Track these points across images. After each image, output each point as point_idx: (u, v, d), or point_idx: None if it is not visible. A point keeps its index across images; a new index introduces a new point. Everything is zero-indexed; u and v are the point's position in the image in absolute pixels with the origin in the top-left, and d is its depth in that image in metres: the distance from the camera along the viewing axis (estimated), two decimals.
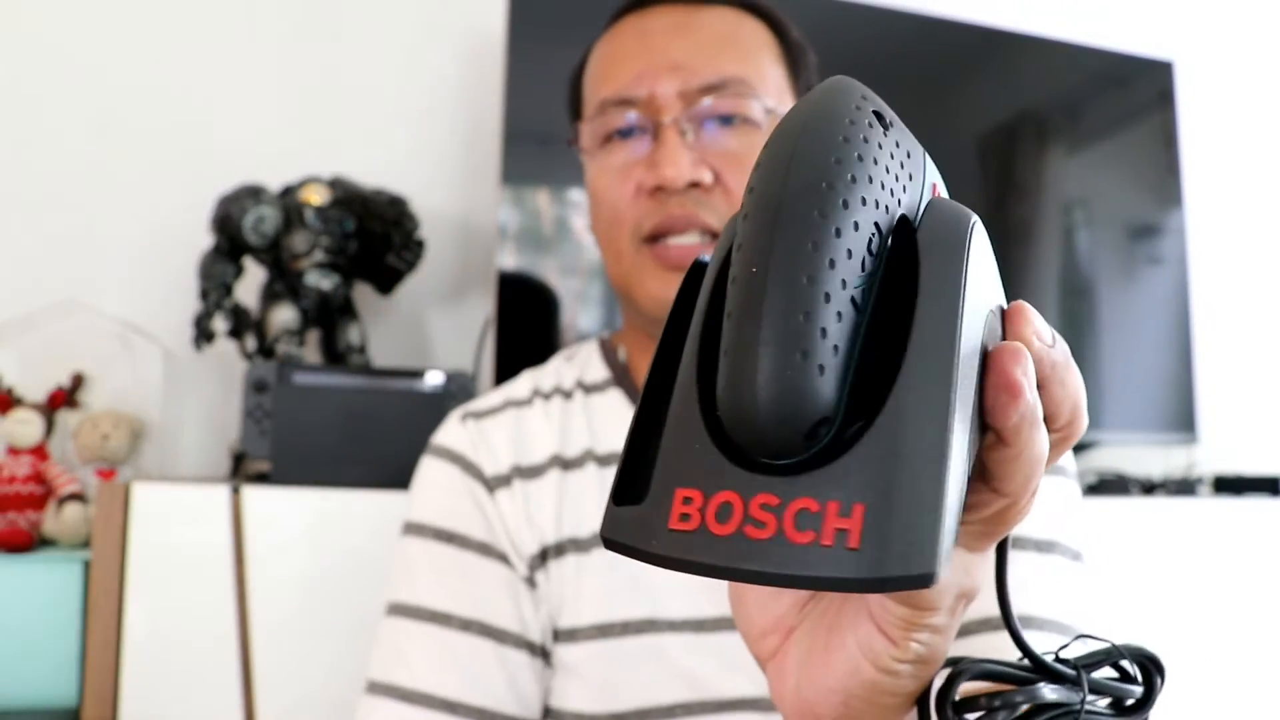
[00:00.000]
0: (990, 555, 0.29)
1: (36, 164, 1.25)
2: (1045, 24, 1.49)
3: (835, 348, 0.21)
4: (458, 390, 1.03)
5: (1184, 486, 1.31)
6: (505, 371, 1.15)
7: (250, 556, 0.91)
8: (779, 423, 0.21)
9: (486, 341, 1.21)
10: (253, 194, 1.08)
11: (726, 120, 0.61)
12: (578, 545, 0.63)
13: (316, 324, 1.15)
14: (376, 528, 0.94)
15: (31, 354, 1.18)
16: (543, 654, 0.63)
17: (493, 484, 0.66)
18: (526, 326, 1.20)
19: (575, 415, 0.68)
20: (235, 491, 0.92)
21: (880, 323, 0.22)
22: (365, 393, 1.00)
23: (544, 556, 0.64)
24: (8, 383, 1.14)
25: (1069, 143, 1.50)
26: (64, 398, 1.14)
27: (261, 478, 1.04)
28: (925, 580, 0.20)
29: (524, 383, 0.72)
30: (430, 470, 0.68)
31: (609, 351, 0.71)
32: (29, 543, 1.00)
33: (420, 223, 1.21)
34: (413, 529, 0.67)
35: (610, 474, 0.64)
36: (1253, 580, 1.22)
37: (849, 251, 0.21)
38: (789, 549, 0.20)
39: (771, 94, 0.63)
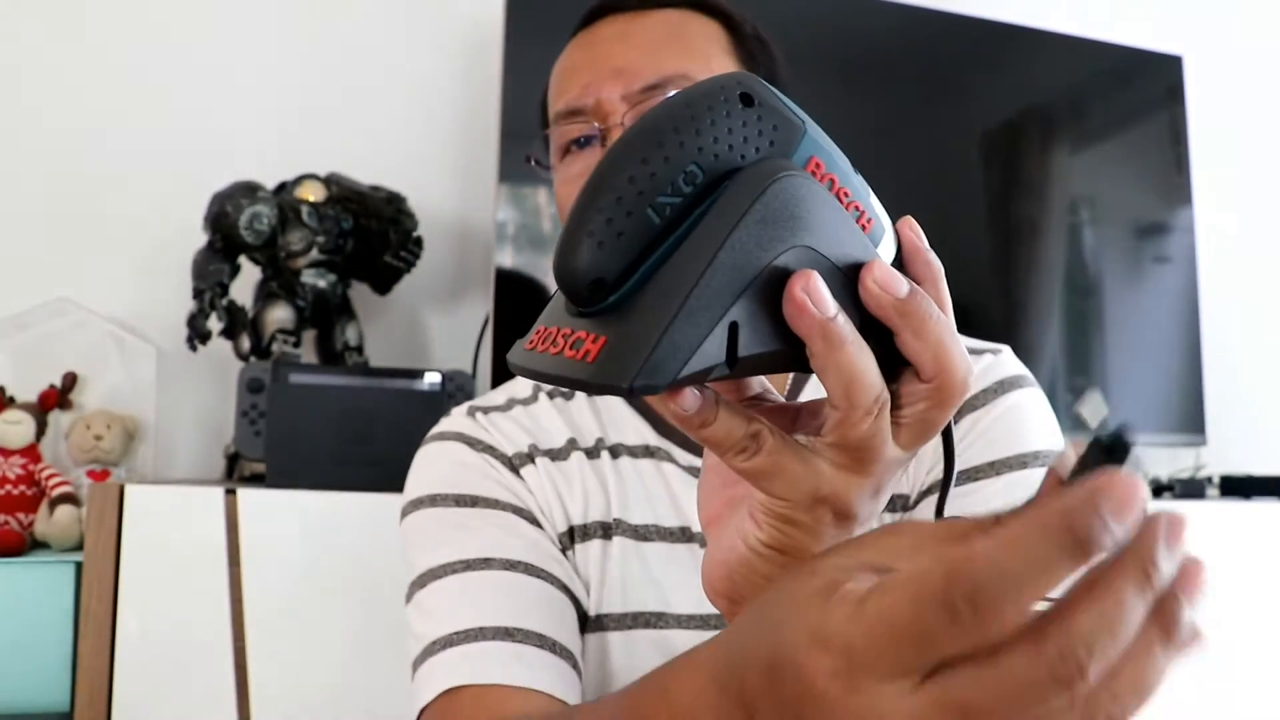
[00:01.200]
0: (880, 484, 0.34)
1: (29, 163, 1.24)
2: (1052, 18, 1.48)
3: (619, 234, 0.29)
4: (456, 390, 1.02)
5: (1192, 488, 1.30)
6: (503, 371, 1.14)
7: (245, 559, 0.90)
8: (564, 279, 0.30)
9: (484, 341, 1.20)
10: (248, 191, 1.06)
11: None
12: (604, 530, 0.64)
13: (312, 323, 1.14)
14: (374, 530, 0.93)
15: (23, 353, 1.17)
16: (581, 613, 0.62)
17: (515, 461, 0.66)
18: (525, 326, 1.18)
19: (581, 411, 0.69)
20: (230, 493, 0.91)
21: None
22: (362, 393, 0.99)
23: (572, 536, 0.65)
24: None
25: (1075, 139, 1.48)
26: (56, 398, 1.13)
27: (256, 479, 1.03)
28: (616, 390, 0.28)
29: (524, 383, 0.72)
30: (434, 450, 0.67)
31: None
32: (20, 545, 0.99)
33: (418, 221, 1.19)
34: (418, 503, 0.65)
35: (625, 464, 0.66)
36: (1261, 582, 1.21)
37: (652, 175, 0.29)
38: (562, 361, 0.30)
39: None
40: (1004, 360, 0.63)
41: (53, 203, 1.24)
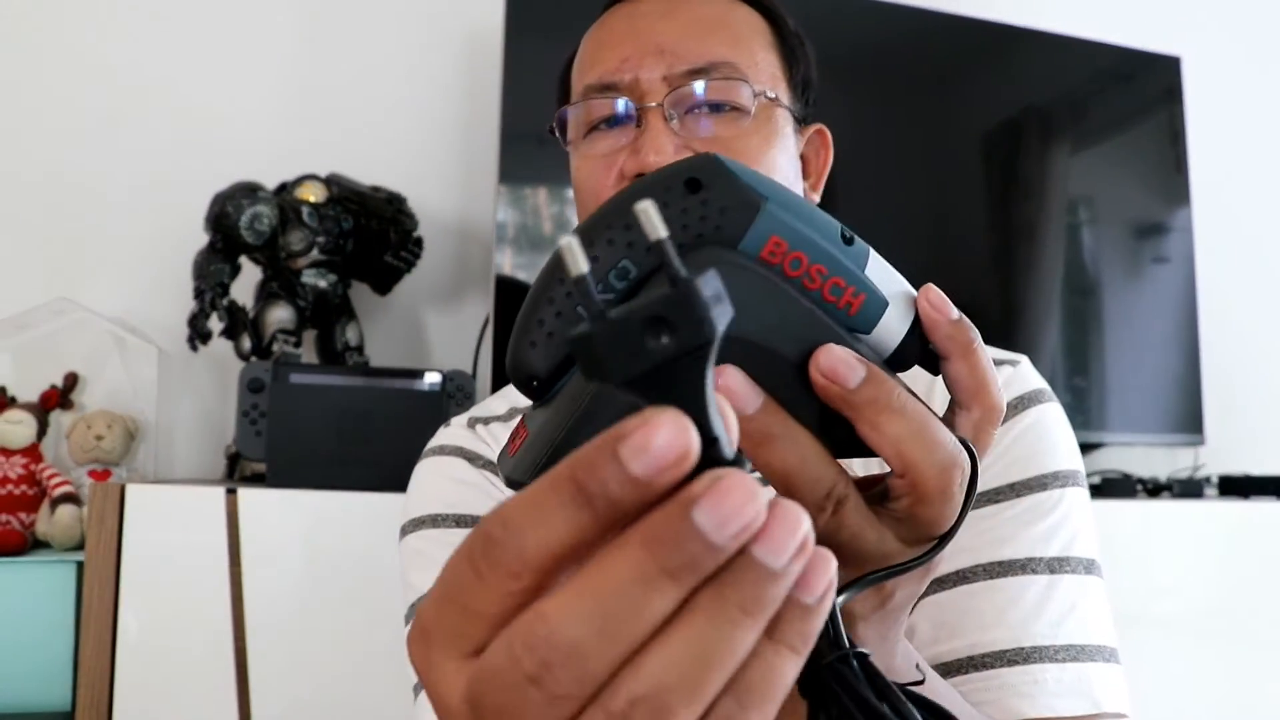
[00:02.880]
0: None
1: (30, 163, 1.24)
2: (1050, 19, 1.48)
3: (549, 334, 0.30)
4: (456, 390, 1.02)
5: (1190, 488, 1.30)
6: (503, 371, 1.14)
7: (246, 559, 0.90)
8: (510, 375, 0.31)
9: (484, 341, 1.20)
10: (249, 192, 1.06)
11: (715, 108, 0.59)
12: None
13: (313, 323, 1.14)
14: (374, 530, 0.93)
15: (24, 353, 1.17)
16: None
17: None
18: None
19: None
20: (230, 493, 0.91)
21: None
22: (362, 393, 0.99)
23: None
24: (0, 382, 1.13)
25: (1074, 139, 1.48)
26: (57, 398, 1.13)
27: (257, 479, 1.03)
28: (508, 483, 0.30)
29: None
30: (433, 466, 0.67)
31: None
32: (22, 545, 0.99)
33: (418, 221, 1.20)
34: (419, 523, 0.65)
35: None
36: (1259, 582, 1.21)
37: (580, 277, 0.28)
38: (503, 457, 0.32)
39: (764, 79, 0.61)
40: (1024, 373, 0.62)
41: (54, 203, 1.24)
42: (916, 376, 0.34)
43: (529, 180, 1.22)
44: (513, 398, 0.70)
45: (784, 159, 0.60)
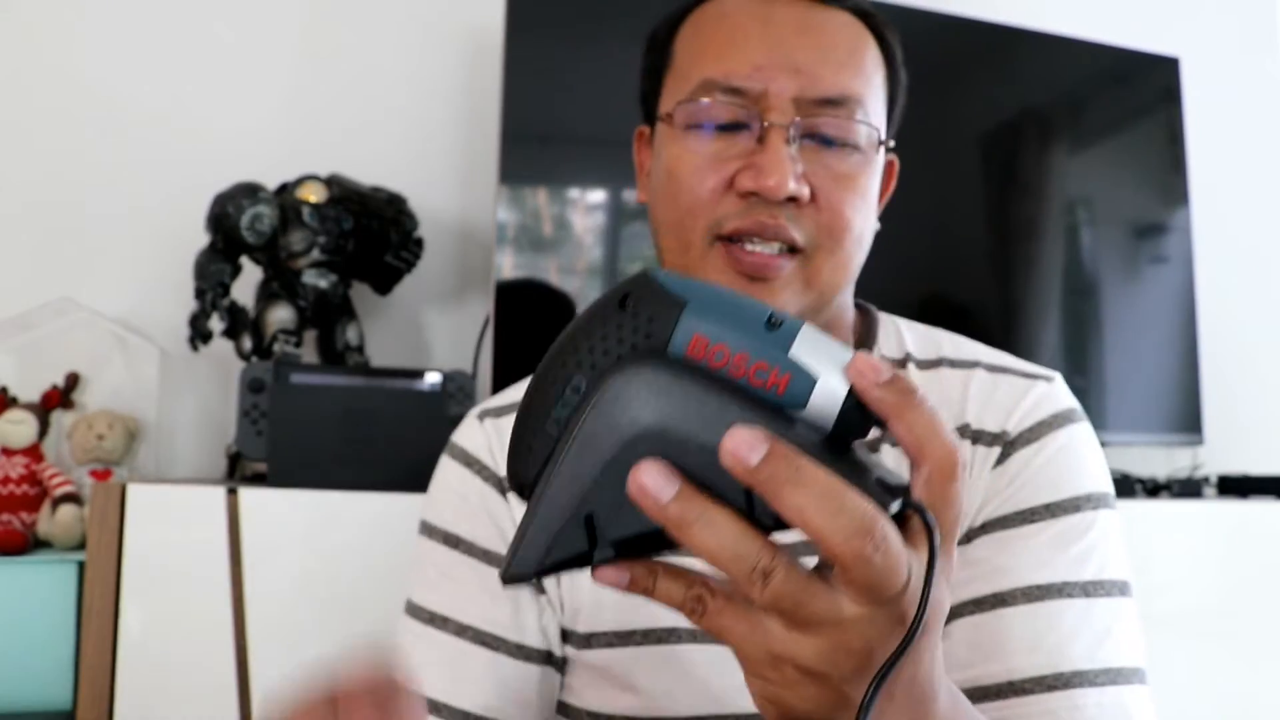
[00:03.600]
0: None
1: (31, 162, 1.24)
2: (1049, 20, 1.48)
3: (529, 447, 0.35)
4: (456, 390, 1.02)
5: (1189, 488, 1.30)
6: (504, 371, 1.14)
7: (246, 558, 0.91)
8: (509, 485, 0.36)
9: (485, 341, 1.20)
10: (249, 192, 1.07)
11: (831, 141, 0.59)
12: None
13: (314, 323, 1.15)
14: (375, 529, 0.93)
15: (26, 353, 1.17)
16: (548, 659, 0.64)
17: (507, 484, 0.65)
18: (525, 326, 1.19)
19: None
20: (231, 493, 0.91)
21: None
22: (363, 393, 0.99)
23: None
24: (1, 382, 1.13)
25: (1073, 140, 1.49)
26: (59, 398, 1.14)
27: (258, 479, 1.04)
28: (502, 579, 0.35)
29: None
30: (445, 472, 0.69)
31: None
32: (23, 544, 1.00)
33: (419, 221, 1.20)
34: (425, 529, 0.68)
35: None
36: (1258, 581, 1.21)
37: (547, 392, 0.35)
38: (510, 554, 0.35)
39: (879, 119, 0.61)
40: (1057, 391, 0.62)
41: (55, 203, 1.24)
42: None
43: (529, 180, 1.22)
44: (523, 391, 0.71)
45: (875, 193, 0.62)
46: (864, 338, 0.66)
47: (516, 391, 0.71)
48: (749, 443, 0.31)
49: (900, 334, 0.67)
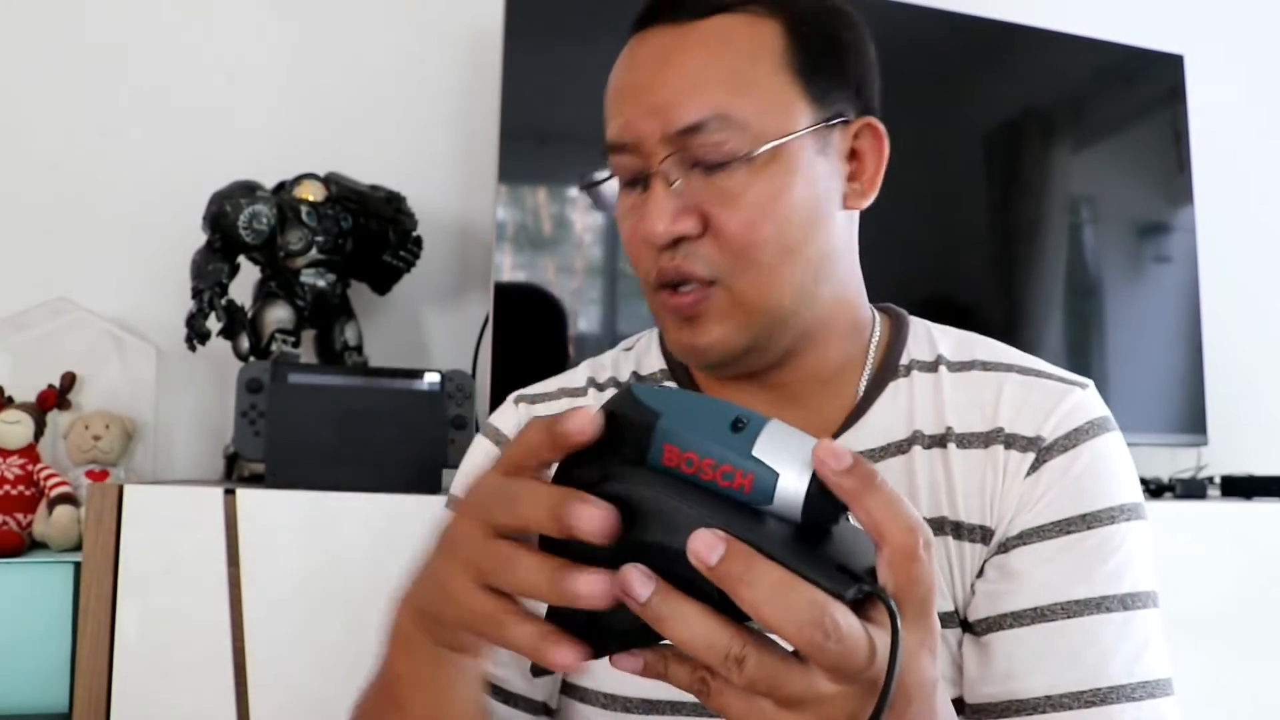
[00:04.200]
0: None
1: (28, 162, 1.23)
2: (1052, 17, 1.47)
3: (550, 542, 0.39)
4: (455, 390, 1.01)
5: (1193, 488, 1.30)
6: (503, 371, 1.14)
7: (244, 559, 0.90)
8: None
9: (484, 341, 1.20)
10: (247, 191, 1.06)
11: (713, 164, 0.57)
12: None
13: (312, 323, 1.14)
14: (374, 530, 0.92)
15: (22, 353, 1.16)
16: None
17: None
18: (524, 326, 1.18)
19: None
20: (229, 493, 0.91)
21: None
22: (361, 393, 0.98)
23: None
24: None
25: (1076, 138, 1.48)
26: (55, 398, 1.13)
27: (256, 479, 1.03)
28: (530, 673, 0.44)
29: (581, 372, 0.72)
30: (475, 449, 0.71)
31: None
32: (19, 545, 0.99)
33: (417, 221, 1.19)
34: (449, 501, 0.70)
35: None
36: (1262, 582, 1.21)
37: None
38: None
39: (770, 114, 0.58)
40: (1091, 399, 0.62)
41: (52, 203, 1.23)
42: None
43: (529, 180, 1.21)
44: (565, 379, 0.72)
45: (800, 196, 0.58)
46: (893, 341, 0.66)
47: (555, 381, 0.72)
48: (708, 544, 0.33)
49: (932, 337, 0.67)
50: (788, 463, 0.35)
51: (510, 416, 0.70)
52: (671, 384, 0.69)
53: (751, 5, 0.59)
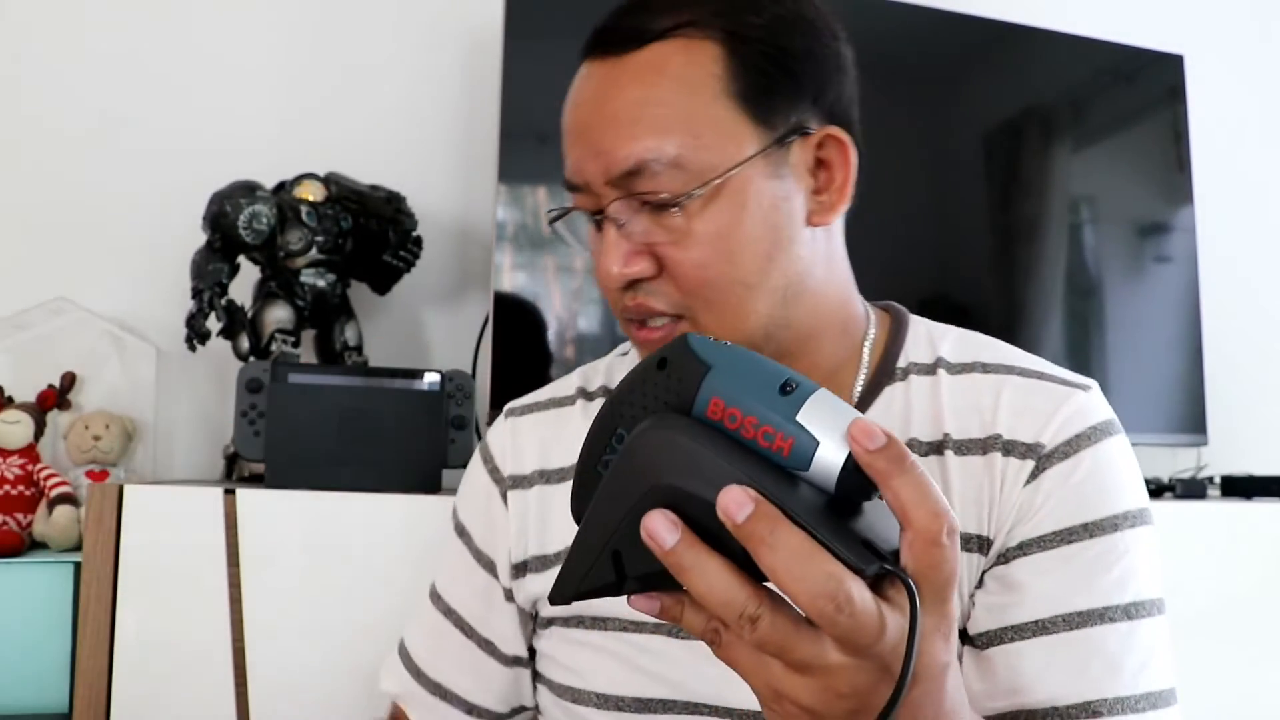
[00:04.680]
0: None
1: (27, 162, 1.23)
2: (1053, 17, 1.47)
3: (583, 485, 0.41)
4: (455, 390, 1.01)
5: (1193, 488, 1.30)
6: (503, 371, 1.14)
7: (244, 559, 0.90)
8: (572, 513, 0.41)
9: (484, 340, 1.20)
10: (247, 190, 1.06)
11: (658, 205, 0.56)
12: None
13: (312, 323, 1.14)
14: (373, 530, 0.92)
15: (22, 353, 1.16)
16: (516, 661, 0.69)
17: (510, 485, 0.68)
18: (524, 326, 1.18)
19: None
20: (229, 493, 0.91)
21: None
22: (361, 393, 0.98)
23: (543, 562, 0.66)
24: None
25: (1076, 138, 1.48)
26: (55, 398, 1.13)
27: (255, 479, 1.03)
28: (549, 600, 0.41)
29: (572, 380, 0.72)
30: (472, 463, 0.74)
31: None
32: (19, 545, 0.99)
33: (417, 220, 1.19)
34: (453, 512, 0.74)
35: None
36: (1262, 583, 1.21)
37: (595, 440, 0.41)
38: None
39: (715, 144, 0.55)
40: (1093, 402, 0.60)
41: (52, 203, 1.23)
42: None
43: (529, 179, 1.21)
44: (556, 388, 0.73)
45: (754, 227, 0.56)
46: (890, 343, 0.65)
47: (545, 391, 0.73)
48: (737, 501, 0.34)
49: (933, 338, 0.65)
50: (830, 433, 0.35)
51: (499, 432, 0.71)
52: None
53: (687, 28, 0.56)
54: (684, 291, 0.57)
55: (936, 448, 0.60)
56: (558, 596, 0.40)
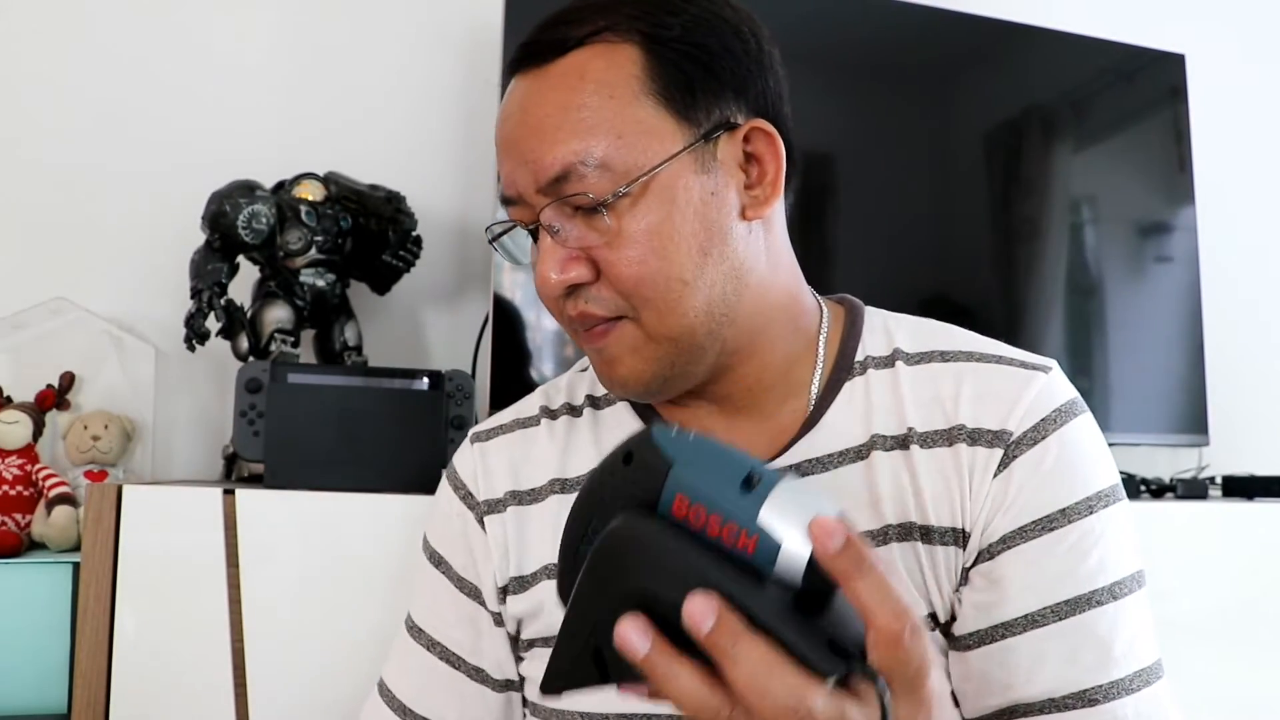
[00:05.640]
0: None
1: (26, 161, 1.23)
2: (1054, 16, 1.47)
3: (565, 570, 0.41)
4: (455, 390, 1.01)
5: (1194, 488, 1.29)
6: (503, 371, 1.14)
7: (243, 559, 0.90)
8: (558, 589, 0.42)
9: (484, 340, 1.19)
10: (246, 190, 1.06)
11: (588, 209, 0.56)
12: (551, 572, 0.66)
13: (311, 323, 1.14)
14: (372, 531, 0.92)
15: (20, 353, 1.16)
16: (508, 686, 0.69)
17: (485, 510, 0.68)
18: (524, 326, 1.18)
19: (581, 434, 0.68)
20: (228, 493, 0.91)
21: None
22: (361, 393, 0.98)
23: (522, 583, 0.66)
24: None
25: (1077, 138, 1.48)
26: (54, 398, 1.13)
27: (255, 479, 1.03)
28: (540, 690, 0.42)
29: (534, 400, 0.72)
30: (441, 491, 0.72)
31: None
32: (18, 546, 0.99)
33: (417, 220, 1.19)
34: (423, 542, 0.72)
35: None
36: (1264, 583, 1.21)
37: (573, 527, 0.41)
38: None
39: (632, 148, 0.55)
40: (1055, 383, 0.60)
41: (51, 203, 1.23)
42: None
43: None
44: (519, 408, 0.73)
45: (684, 223, 0.56)
46: (846, 337, 0.64)
47: (509, 412, 0.73)
48: (701, 612, 0.35)
49: (889, 329, 0.65)
50: (793, 529, 0.36)
51: (467, 458, 0.71)
52: (623, 405, 0.68)
53: (606, 34, 0.57)
54: (622, 293, 0.57)
55: (901, 442, 0.60)
56: (549, 689, 0.41)
